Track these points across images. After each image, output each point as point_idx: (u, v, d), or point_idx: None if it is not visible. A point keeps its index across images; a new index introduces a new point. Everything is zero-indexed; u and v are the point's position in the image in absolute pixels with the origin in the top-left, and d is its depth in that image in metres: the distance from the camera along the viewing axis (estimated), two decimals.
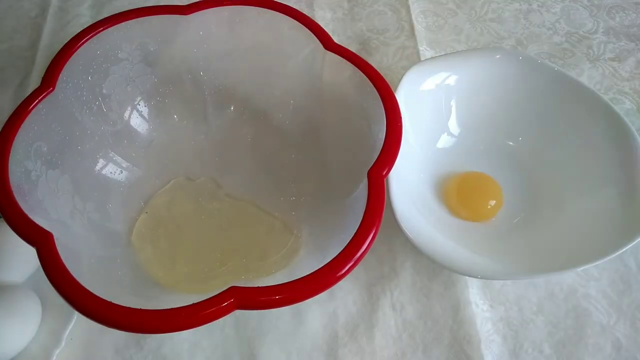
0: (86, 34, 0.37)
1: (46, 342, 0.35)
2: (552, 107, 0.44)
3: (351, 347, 0.37)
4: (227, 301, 0.26)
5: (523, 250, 0.39)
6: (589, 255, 0.35)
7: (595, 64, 0.54)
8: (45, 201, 0.32)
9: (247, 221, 0.41)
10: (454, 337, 0.38)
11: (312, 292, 0.27)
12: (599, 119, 0.42)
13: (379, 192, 0.31)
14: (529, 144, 0.45)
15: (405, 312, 0.39)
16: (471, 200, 0.43)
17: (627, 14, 0.59)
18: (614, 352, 0.37)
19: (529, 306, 0.39)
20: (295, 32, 0.39)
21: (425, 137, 0.45)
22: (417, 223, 0.36)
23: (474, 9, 0.59)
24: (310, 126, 0.43)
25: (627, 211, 0.37)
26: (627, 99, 0.51)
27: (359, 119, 0.38)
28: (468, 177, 0.44)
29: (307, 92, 0.42)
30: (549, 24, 0.58)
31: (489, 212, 0.42)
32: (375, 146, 0.34)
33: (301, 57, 0.41)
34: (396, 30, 0.56)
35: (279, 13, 0.39)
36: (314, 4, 0.58)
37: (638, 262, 0.41)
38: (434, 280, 0.40)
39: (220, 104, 0.45)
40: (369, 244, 0.29)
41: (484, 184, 0.43)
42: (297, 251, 0.38)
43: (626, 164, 0.39)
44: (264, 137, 0.45)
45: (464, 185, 0.43)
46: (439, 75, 0.44)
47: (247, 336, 0.37)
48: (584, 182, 0.41)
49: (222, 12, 0.40)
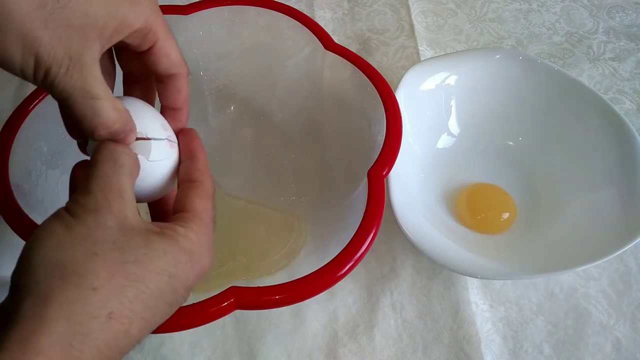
0: None
1: None
2: (552, 107, 0.44)
3: (351, 347, 0.37)
4: (227, 301, 0.26)
5: (523, 250, 0.39)
6: (589, 255, 0.35)
7: (595, 64, 0.54)
8: (45, 201, 0.32)
9: (247, 221, 0.41)
10: (454, 337, 0.38)
11: (312, 292, 0.27)
12: (599, 119, 0.42)
13: (379, 192, 0.31)
14: (529, 144, 0.45)
15: (405, 312, 0.39)
16: (487, 220, 0.42)
17: (627, 14, 0.59)
18: (614, 352, 0.37)
19: (529, 306, 0.39)
20: (295, 32, 0.39)
21: (425, 137, 0.45)
22: (417, 223, 0.36)
23: (474, 9, 0.59)
24: (310, 126, 0.43)
25: (627, 211, 0.37)
26: (627, 99, 0.51)
27: (359, 119, 0.38)
28: (480, 190, 0.43)
29: (307, 92, 0.42)
30: (549, 24, 0.58)
31: (504, 225, 0.42)
32: (375, 146, 0.34)
33: (301, 57, 0.41)
34: (396, 30, 0.56)
35: (279, 13, 0.39)
36: (314, 4, 0.58)
37: (638, 262, 0.41)
38: (434, 280, 0.40)
39: (221, 104, 0.45)
40: (369, 244, 0.29)
41: (499, 199, 0.43)
42: (297, 251, 0.38)
43: (626, 164, 0.39)
44: (264, 137, 0.45)
45: (478, 200, 0.43)
46: (439, 75, 0.44)
47: (247, 336, 0.37)
48: (584, 182, 0.41)
49: (222, 12, 0.40)
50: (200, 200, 0.24)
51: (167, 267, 0.20)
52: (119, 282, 0.19)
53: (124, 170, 0.22)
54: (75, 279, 0.18)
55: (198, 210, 0.23)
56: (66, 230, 0.19)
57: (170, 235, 0.21)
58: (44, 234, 0.20)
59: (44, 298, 0.18)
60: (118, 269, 0.19)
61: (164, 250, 0.21)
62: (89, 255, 0.19)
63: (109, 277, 0.19)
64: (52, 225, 0.20)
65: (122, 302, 0.19)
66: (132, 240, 0.20)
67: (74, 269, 0.18)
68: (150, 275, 0.20)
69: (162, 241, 0.21)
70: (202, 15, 0.40)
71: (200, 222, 0.23)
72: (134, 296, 0.19)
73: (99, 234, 0.20)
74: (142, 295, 0.19)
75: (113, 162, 0.22)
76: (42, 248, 0.19)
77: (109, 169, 0.21)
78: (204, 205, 0.24)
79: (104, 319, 0.18)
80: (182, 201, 0.24)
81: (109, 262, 0.19)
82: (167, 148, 0.25)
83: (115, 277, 0.19)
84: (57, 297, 0.18)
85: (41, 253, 0.19)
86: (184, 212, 0.23)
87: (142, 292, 0.20)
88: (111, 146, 0.22)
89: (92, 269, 0.19)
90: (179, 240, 0.21)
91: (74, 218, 0.20)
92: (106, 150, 0.22)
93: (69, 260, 0.19)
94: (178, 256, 0.21)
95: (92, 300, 0.18)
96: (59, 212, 0.20)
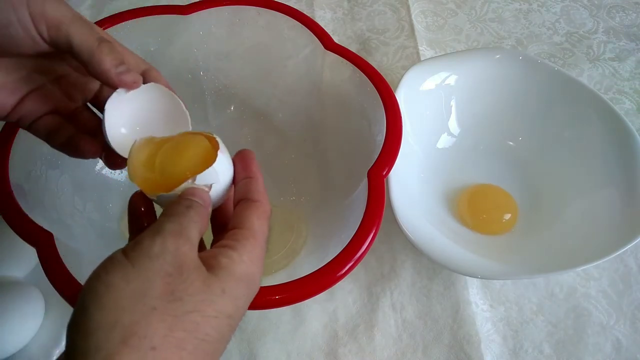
0: None
1: (47, 340, 0.35)
2: (552, 107, 0.44)
3: (351, 347, 0.37)
4: None
5: (523, 250, 0.39)
6: (589, 255, 0.35)
7: (595, 64, 0.54)
8: (45, 201, 0.32)
9: None
10: (454, 337, 0.38)
11: (312, 293, 0.27)
12: (599, 119, 0.42)
13: (379, 192, 0.31)
14: (529, 144, 0.45)
15: (405, 312, 0.39)
16: (489, 221, 0.42)
17: (627, 14, 0.59)
18: (614, 352, 0.37)
19: (529, 306, 0.39)
20: (295, 32, 0.39)
21: (425, 137, 0.45)
22: (417, 223, 0.36)
23: (474, 9, 0.59)
24: (311, 126, 0.43)
25: (627, 211, 0.37)
26: (627, 99, 0.51)
27: (359, 119, 0.38)
28: (482, 191, 0.43)
29: (307, 92, 0.42)
30: (549, 24, 0.58)
31: (506, 227, 0.42)
32: (375, 146, 0.34)
33: (301, 57, 0.41)
34: (396, 30, 0.56)
35: (278, 13, 0.39)
36: (314, 3, 0.58)
37: (638, 262, 0.41)
38: (434, 280, 0.40)
39: (221, 104, 0.45)
40: (369, 244, 0.29)
41: (501, 201, 0.43)
42: (297, 251, 0.38)
43: (626, 164, 0.39)
44: (264, 137, 0.45)
45: (480, 201, 0.43)
46: (439, 75, 0.44)
47: (247, 336, 0.37)
48: (584, 182, 0.41)
49: (222, 12, 0.40)
50: (258, 220, 0.24)
51: (226, 309, 0.20)
52: (178, 336, 0.19)
53: (193, 212, 0.22)
54: (135, 341, 0.18)
55: (255, 230, 0.23)
56: (125, 283, 0.19)
57: (226, 266, 0.21)
58: (101, 288, 0.19)
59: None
60: (177, 321, 0.19)
61: (222, 289, 0.20)
62: (148, 311, 0.19)
63: (169, 333, 0.19)
64: (109, 277, 0.19)
65: (182, 357, 0.19)
66: (191, 286, 0.20)
67: (133, 329, 0.18)
68: (209, 321, 0.20)
69: (219, 280, 0.20)
70: (202, 16, 0.40)
71: (255, 241, 0.23)
72: (195, 347, 0.19)
73: (157, 285, 0.19)
74: (202, 345, 0.19)
75: (185, 207, 0.22)
76: (100, 306, 0.19)
77: (180, 211, 0.22)
78: (261, 226, 0.23)
79: None
80: (239, 219, 0.23)
81: (168, 316, 0.19)
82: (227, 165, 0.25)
83: (174, 331, 0.19)
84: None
85: (99, 311, 0.18)
86: (241, 229, 0.23)
87: (203, 340, 0.19)
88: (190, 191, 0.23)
89: (151, 326, 0.18)
90: (235, 270, 0.21)
91: (133, 266, 0.19)
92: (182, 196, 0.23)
93: (128, 320, 0.18)
94: (236, 292, 0.21)
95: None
96: (117, 257, 0.20)
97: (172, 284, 0.19)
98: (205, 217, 0.23)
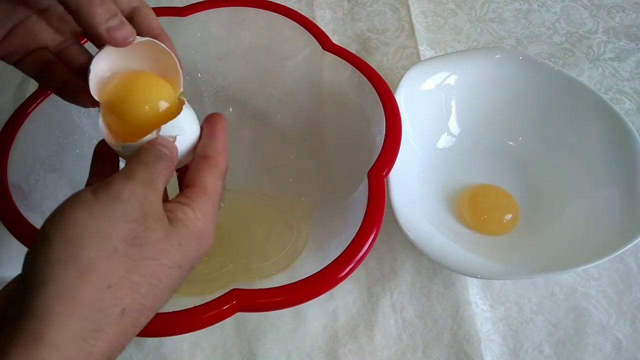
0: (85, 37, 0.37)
1: None
2: (552, 107, 0.44)
3: (351, 347, 0.37)
4: (229, 304, 0.26)
5: (523, 250, 0.39)
6: (589, 255, 0.35)
7: (595, 64, 0.54)
8: (44, 204, 0.32)
9: (248, 222, 0.41)
10: (454, 337, 0.38)
11: (313, 294, 0.27)
12: (599, 119, 0.42)
13: (379, 192, 0.31)
14: (529, 144, 0.45)
15: (405, 312, 0.39)
16: (490, 222, 0.42)
17: (627, 13, 0.59)
18: (614, 352, 0.37)
19: (529, 306, 0.39)
20: (294, 33, 0.39)
21: (425, 137, 0.45)
22: (417, 223, 0.36)
23: (474, 9, 0.59)
24: (310, 126, 0.43)
25: (627, 211, 0.37)
26: (627, 99, 0.51)
27: (359, 119, 0.38)
28: (483, 191, 0.43)
29: (306, 92, 0.42)
30: (549, 24, 0.58)
31: (507, 227, 0.42)
32: (375, 146, 0.34)
33: (300, 58, 0.41)
34: (396, 30, 0.56)
35: (277, 14, 0.39)
36: (313, 3, 0.58)
37: (638, 262, 0.41)
38: (434, 280, 0.40)
39: (219, 105, 0.45)
40: (370, 245, 0.29)
41: (502, 201, 0.43)
42: (298, 252, 0.38)
43: (626, 164, 0.39)
44: (263, 137, 0.45)
45: (481, 202, 0.43)
46: (439, 75, 0.44)
47: (247, 336, 0.37)
48: (584, 182, 0.41)
49: (221, 13, 0.40)
50: (211, 176, 0.24)
51: (179, 260, 0.21)
52: (134, 279, 0.19)
53: (162, 164, 0.22)
54: (93, 278, 0.18)
55: (207, 187, 0.23)
56: (91, 221, 0.19)
57: (182, 221, 0.22)
58: (66, 221, 0.19)
59: (60, 295, 0.18)
60: (135, 265, 0.20)
61: (179, 242, 0.21)
62: (110, 251, 0.19)
63: (126, 275, 0.19)
64: (75, 212, 0.19)
65: (135, 298, 0.19)
66: (153, 234, 0.20)
67: (93, 265, 0.18)
68: (163, 270, 0.21)
69: (177, 233, 0.21)
70: (201, 17, 0.40)
71: (207, 198, 0.23)
72: (146, 291, 0.20)
73: (122, 228, 0.19)
74: (154, 290, 0.20)
75: (155, 156, 0.22)
76: (64, 239, 0.19)
77: (150, 160, 0.22)
78: (214, 182, 0.24)
79: (117, 315, 0.19)
80: (192, 176, 0.24)
81: (128, 259, 0.19)
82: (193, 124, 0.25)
83: (131, 274, 0.19)
84: (73, 295, 0.18)
85: (62, 244, 0.19)
86: (193, 187, 0.23)
87: (155, 286, 0.20)
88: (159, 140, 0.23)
89: (110, 266, 0.19)
90: (191, 226, 0.22)
91: (100, 206, 0.19)
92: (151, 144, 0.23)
93: (89, 256, 0.19)
94: (190, 245, 0.22)
95: (107, 298, 0.19)
96: (85, 195, 0.20)
97: (136, 230, 0.20)
98: (172, 168, 0.23)
